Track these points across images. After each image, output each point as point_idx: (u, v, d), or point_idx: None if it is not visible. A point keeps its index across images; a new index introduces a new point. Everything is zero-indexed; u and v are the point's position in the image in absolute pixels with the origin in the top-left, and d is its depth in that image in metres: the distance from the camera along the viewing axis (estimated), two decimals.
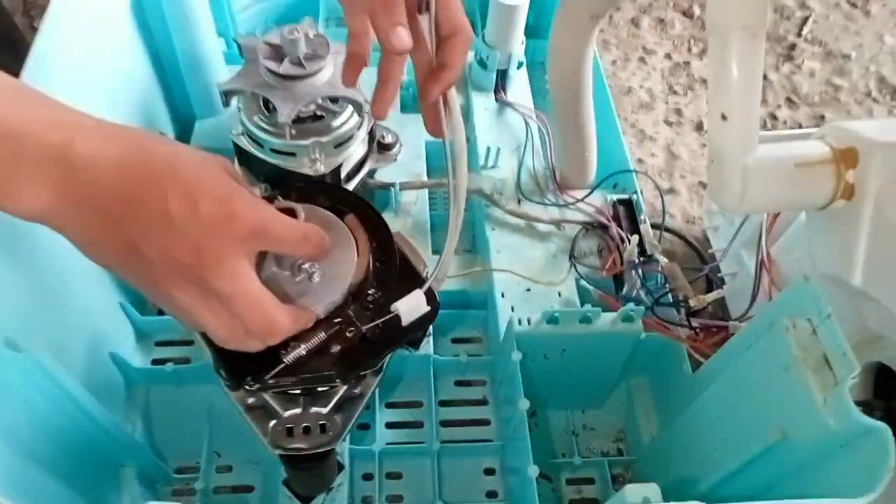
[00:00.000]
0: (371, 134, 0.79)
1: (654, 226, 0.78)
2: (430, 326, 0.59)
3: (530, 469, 0.57)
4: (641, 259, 0.68)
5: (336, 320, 0.45)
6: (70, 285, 0.60)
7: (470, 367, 0.75)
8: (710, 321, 0.64)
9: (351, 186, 0.78)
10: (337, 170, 0.74)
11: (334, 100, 0.74)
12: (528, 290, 0.73)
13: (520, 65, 0.90)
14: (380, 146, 0.82)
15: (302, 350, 0.43)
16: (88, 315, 0.64)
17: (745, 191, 0.55)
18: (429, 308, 0.46)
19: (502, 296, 0.73)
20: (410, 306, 0.45)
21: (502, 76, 0.91)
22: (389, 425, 0.72)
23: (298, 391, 0.51)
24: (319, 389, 0.51)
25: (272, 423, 0.49)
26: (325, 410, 0.51)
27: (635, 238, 0.68)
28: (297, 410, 0.50)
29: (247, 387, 0.43)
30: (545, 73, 1.01)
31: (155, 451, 0.71)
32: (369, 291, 0.46)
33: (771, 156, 0.56)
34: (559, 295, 0.73)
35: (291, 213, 0.41)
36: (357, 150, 0.77)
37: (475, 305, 0.78)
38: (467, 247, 0.86)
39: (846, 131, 0.56)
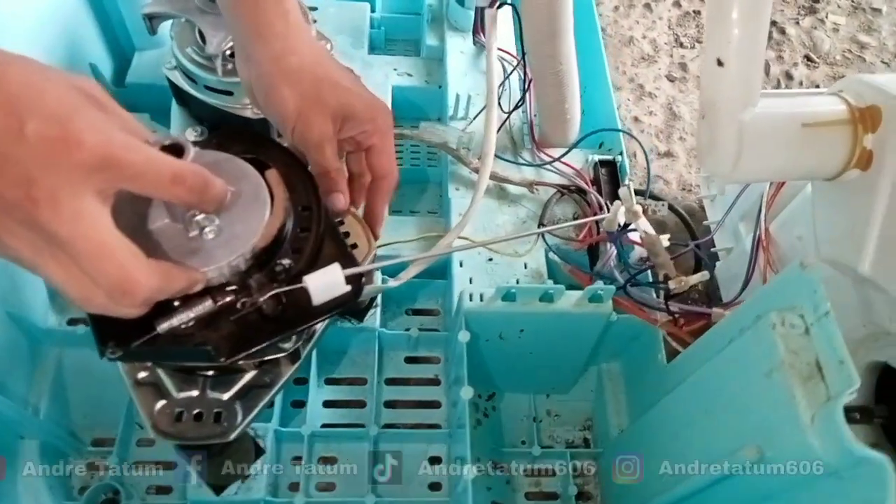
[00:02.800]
0: None
1: (637, 192, 0.69)
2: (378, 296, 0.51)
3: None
4: (619, 229, 0.59)
5: (230, 288, 0.37)
6: None
7: (422, 343, 0.67)
8: (689, 306, 0.55)
9: None
10: None
11: None
12: (491, 259, 0.65)
13: (502, 3, 0.80)
14: None
15: (182, 320, 0.36)
16: None
17: (739, 153, 0.46)
18: (348, 289, 0.38)
19: (461, 265, 0.64)
20: (323, 282, 0.37)
21: (482, 15, 0.80)
22: (327, 404, 0.65)
23: (210, 373, 0.44)
24: (227, 373, 0.44)
25: (160, 404, 0.43)
26: (224, 397, 0.44)
27: (617, 205, 0.58)
28: (193, 394, 0.43)
29: (109, 352, 0.35)
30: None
31: (67, 420, 0.64)
32: (282, 261, 0.39)
33: (773, 112, 0.46)
34: (525, 266, 0.64)
35: (179, 150, 0.33)
36: None
37: (434, 274, 0.70)
38: (432, 207, 0.77)
39: (869, 86, 0.46)
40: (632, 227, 0.54)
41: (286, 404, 0.63)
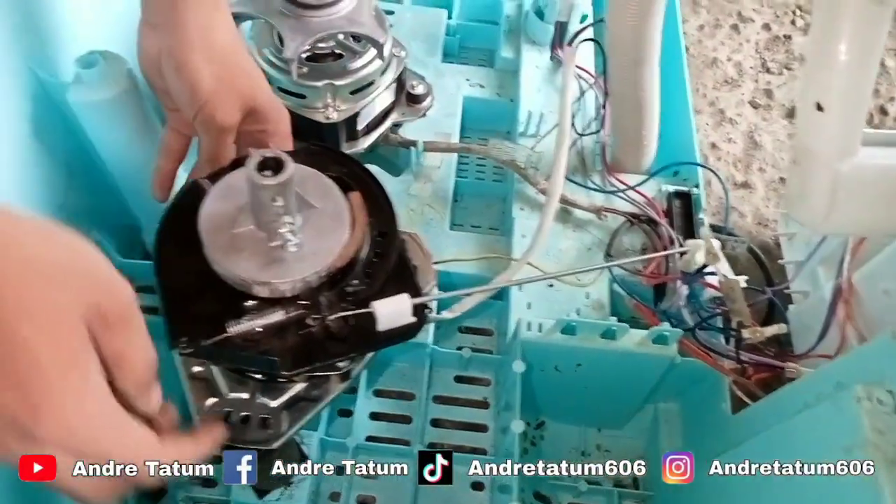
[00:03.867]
0: (400, 82, 0.69)
1: (714, 228, 0.65)
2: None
3: None
4: (696, 270, 0.55)
5: (301, 303, 0.39)
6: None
7: (473, 364, 0.65)
8: (761, 357, 0.52)
9: (370, 140, 0.69)
10: (353, 119, 0.65)
11: (358, 38, 0.64)
12: (551, 285, 0.63)
13: (583, 18, 0.77)
14: (408, 97, 0.72)
15: (252, 326, 0.37)
16: None
17: (832, 205, 0.43)
18: (413, 320, 0.39)
19: (519, 288, 0.63)
20: (391, 310, 0.38)
21: (562, 30, 0.78)
22: (374, 416, 0.64)
23: (258, 376, 0.44)
24: (277, 381, 0.45)
25: (211, 401, 0.44)
26: (273, 404, 0.45)
27: (696, 244, 0.55)
28: (244, 396, 0.45)
29: (180, 347, 0.37)
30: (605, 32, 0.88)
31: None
32: (353, 282, 0.40)
33: (875, 164, 0.43)
34: (587, 297, 0.62)
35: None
36: (380, 99, 0.67)
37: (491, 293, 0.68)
38: (495, 224, 0.76)
39: None
40: (709, 269, 0.52)
41: (333, 413, 0.63)
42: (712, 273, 0.52)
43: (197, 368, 0.45)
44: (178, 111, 0.46)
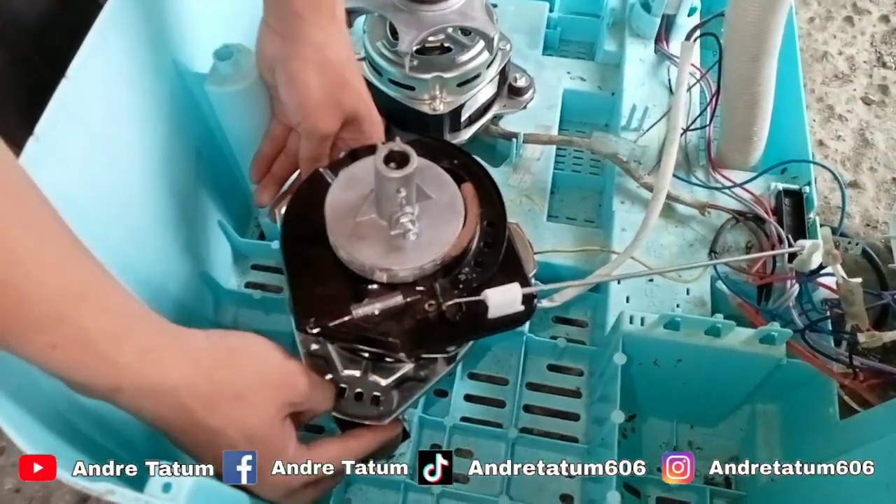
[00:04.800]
0: (503, 74, 0.71)
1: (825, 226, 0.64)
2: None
3: (610, 495, 0.49)
4: (813, 270, 0.54)
5: (418, 289, 0.41)
6: (168, 204, 0.58)
7: (567, 353, 0.66)
8: (876, 363, 0.51)
9: (471, 131, 0.71)
10: (457, 111, 0.67)
11: (466, 32, 0.66)
12: (651, 280, 0.63)
13: (692, 11, 0.76)
14: (510, 89, 0.73)
15: (373, 309, 0.40)
16: (186, 231, 0.62)
17: None
18: (522, 308, 0.40)
19: (618, 282, 0.63)
20: (502, 299, 0.40)
21: (668, 23, 0.77)
22: (468, 398, 0.66)
23: (366, 355, 0.47)
24: (385, 360, 0.47)
25: (327, 377, 0.47)
26: (383, 382, 0.47)
27: (815, 244, 0.54)
28: (356, 374, 0.48)
29: (308, 328, 0.40)
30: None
31: None
32: (464, 270, 0.42)
33: None
34: (687, 293, 0.62)
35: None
36: (483, 91, 0.68)
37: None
38: (590, 216, 0.76)
39: None
40: (826, 270, 0.50)
41: (430, 392, 0.66)
42: (829, 274, 0.51)
43: (314, 346, 0.48)
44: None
